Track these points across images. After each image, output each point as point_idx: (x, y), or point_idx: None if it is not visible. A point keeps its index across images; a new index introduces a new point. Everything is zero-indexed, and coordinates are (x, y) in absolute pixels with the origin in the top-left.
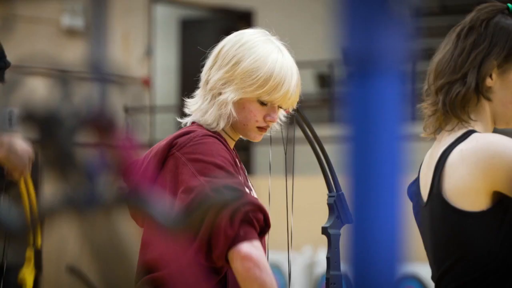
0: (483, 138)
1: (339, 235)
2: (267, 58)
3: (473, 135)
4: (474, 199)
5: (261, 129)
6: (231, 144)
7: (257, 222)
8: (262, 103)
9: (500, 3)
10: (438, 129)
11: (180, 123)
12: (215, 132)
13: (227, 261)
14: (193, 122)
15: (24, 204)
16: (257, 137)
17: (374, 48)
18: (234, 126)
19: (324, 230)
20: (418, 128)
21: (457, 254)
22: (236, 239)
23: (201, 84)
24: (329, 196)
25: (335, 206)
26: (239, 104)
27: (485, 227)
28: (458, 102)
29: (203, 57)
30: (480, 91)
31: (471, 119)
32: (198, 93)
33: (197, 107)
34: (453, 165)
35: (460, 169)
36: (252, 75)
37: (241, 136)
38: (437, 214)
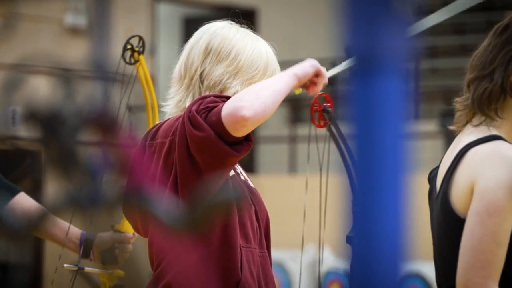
0: (500, 148)
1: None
2: (259, 47)
3: (495, 141)
4: (468, 205)
5: None
6: None
7: (213, 102)
8: None
9: None
10: (467, 124)
11: None
12: None
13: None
14: None
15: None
16: None
17: (377, 46)
18: None
19: (349, 240)
20: (421, 126)
21: (457, 255)
22: (216, 122)
23: (190, 82)
24: (354, 204)
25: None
26: None
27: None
28: (485, 99)
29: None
30: (505, 89)
31: (498, 116)
32: (181, 91)
33: (186, 106)
34: (463, 165)
35: (466, 171)
36: (253, 65)
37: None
38: (441, 211)
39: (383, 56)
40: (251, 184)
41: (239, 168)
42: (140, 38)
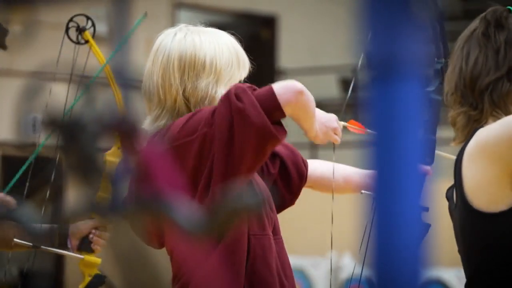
0: (488, 126)
1: (441, 101)
2: (224, 43)
3: (485, 126)
4: (490, 196)
5: None
6: None
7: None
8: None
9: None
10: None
11: None
12: None
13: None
14: None
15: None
16: None
17: (397, 52)
18: None
19: (427, 93)
20: (442, 132)
21: (483, 257)
22: (265, 95)
23: (174, 104)
24: (436, 62)
25: (441, 71)
26: None
27: (508, 229)
28: (509, 98)
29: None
30: None
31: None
32: (165, 114)
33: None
34: (466, 162)
35: (471, 165)
36: (228, 65)
37: None
38: (462, 215)
39: (403, 62)
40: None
41: None
42: (88, 18)
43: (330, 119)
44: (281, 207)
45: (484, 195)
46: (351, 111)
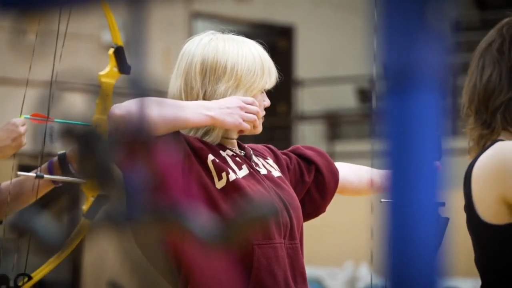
0: (501, 144)
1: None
2: (249, 51)
3: (496, 143)
4: (495, 210)
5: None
6: (230, 143)
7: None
8: (261, 92)
9: None
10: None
11: None
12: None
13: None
14: None
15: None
16: (261, 127)
17: (414, 62)
18: None
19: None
20: (458, 143)
21: (490, 267)
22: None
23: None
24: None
25: None
26: None
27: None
28: None
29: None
30: None
31: None
32: None
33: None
34: (475, 175)
35: (479, 179)
36: (250, 71)
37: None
38: (471, 226)
39: (419, 72)
40: (276, 175)
41: (260, 161)
42: None
43: (230, 101)
44: (314, 214)
45: (490, 208)
46: (368, 121)
